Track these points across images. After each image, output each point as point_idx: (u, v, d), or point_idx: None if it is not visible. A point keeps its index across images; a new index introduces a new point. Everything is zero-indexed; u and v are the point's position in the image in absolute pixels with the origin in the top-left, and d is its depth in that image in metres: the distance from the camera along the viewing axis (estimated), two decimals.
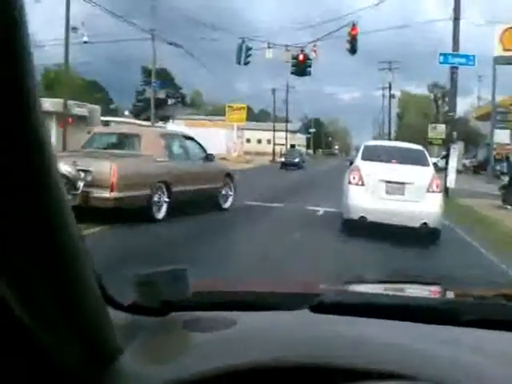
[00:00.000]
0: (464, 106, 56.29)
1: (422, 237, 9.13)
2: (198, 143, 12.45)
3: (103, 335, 0.83)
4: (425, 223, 9.16)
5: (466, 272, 6.38)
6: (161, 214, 10.11)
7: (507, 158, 35.09)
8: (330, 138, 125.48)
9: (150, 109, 45.97)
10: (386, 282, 1.82)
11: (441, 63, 20.89)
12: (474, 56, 20.99)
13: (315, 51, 25.89)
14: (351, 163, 10.76)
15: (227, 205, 12.53)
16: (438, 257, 8.50)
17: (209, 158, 12.25)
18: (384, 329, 1.05)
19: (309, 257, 7.69)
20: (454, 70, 20.72)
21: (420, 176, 9.63)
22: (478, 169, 43.77)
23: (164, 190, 10.24)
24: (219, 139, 58.92)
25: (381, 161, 10.02)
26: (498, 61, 32.89)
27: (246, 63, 26.17)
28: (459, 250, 9.22)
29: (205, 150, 12.45)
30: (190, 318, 1.07)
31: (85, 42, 28.85)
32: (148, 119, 52.00)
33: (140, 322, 1.04)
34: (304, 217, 12.28)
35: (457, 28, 20.90)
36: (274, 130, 66.17)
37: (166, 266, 1.04)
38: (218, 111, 58.02)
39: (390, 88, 62.98)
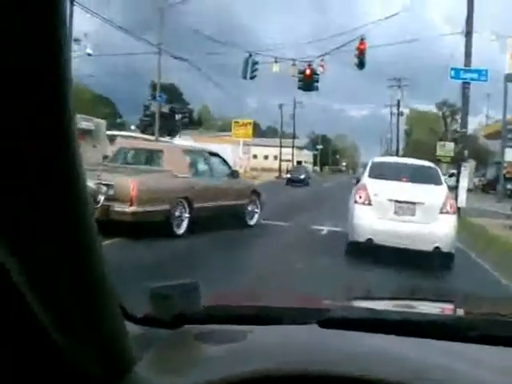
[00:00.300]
0: (472, 124, 55.64)
1: (433, 262, 8.40)
2: (224, 160, 12.68)
3: (119, 345, 0.85)
4: (437, 247, 8.43)
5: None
6: (181, 230, 10.22)
7: None
8: (338, 155, 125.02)
9: (160, 123, 45.92)
10: (393, 299, 1.86)
11: (452, 78, 20.26)
12: (486, 71, 20.36)
13: (323, 66, 25.40)
14: (358, 181, 10.05)
15: (253, 221, 12.62)
16: (450, 285, 7.76)
17: (234, 174, 12.45)
18: (390, 344, 1.07)
19: (309, 282, 7.01)
20: (465, 85, 20.08)
21: (432, 195, 8.91)
22: (488, 187, 43.09)
23: (185, 205, 10.35)
24: (226, 155, 58.57)
25: (390, 179, 9.30)
26: (510, 78, 32.32)
27: (252, 77, 25.87)
28: (473, 276, 8.47)
29: (230, 167, 12.73)
30: (201, 331, 1.10)
31: (88, 55, 28.42)
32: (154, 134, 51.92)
33: (153, 334, 1.07)
34: (307, 237, 11.72)
35: (469, 42, 20.31)
36: (281, 146, 65.78)
37: (177, 279, 1.11)
38: (226, 127, 57.78)
39: (398, 105, 62.48)
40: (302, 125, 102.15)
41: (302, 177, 44.14)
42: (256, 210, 12.77)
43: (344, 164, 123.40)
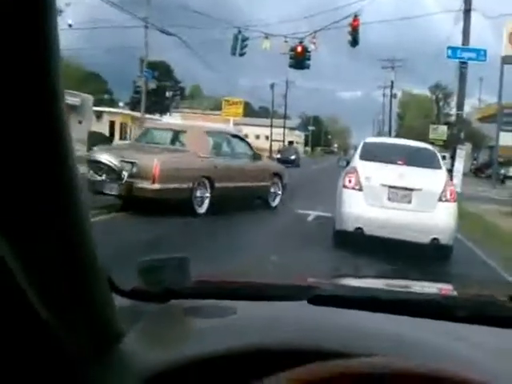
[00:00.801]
0: (465, 107, 55.02)
1: (429, 255, 7.53)
2: (246, 142, 13.31)
3: (108, 318, 0.85)
4: (435, 239, 7.54)
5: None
6: (202, 209, 10.54)
7: None
8: (330, 136, 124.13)
9: (146, 99, 44.64)
10: (383, 278, 1.93)
11: (449, 57, 19.50)
12: (484, 50, 19.60)
13: (314, 43, 24.53)
14: (348, 163, 9.09)
15: (275, 203, 12.99)
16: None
17: (255, 156, 12.75)
18: (378, 321, 1.08)
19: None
20: (463, 65, 19.23)
21: (431, 181, 7.97)
22: (479, 172, 42.50)
23: (207, 185, 10.65)
24: None
25: (383, 161, 8.34)
26: (506, 60, 31.50)
27: (242, 54, 25.10)
28: (474, 271, 7.61)
29: (252, 149, 13.01)
30: (190, 305, 1.10)
31: (69, 26, 27.16)
32: (147, 111, 50.76)
33: (142, 308, 1.06)
34: (292, 222, 10.92)
35: (467, 20, 19.43)
36: (272, 126, 64.90)
37: (171, 254, 1.11)
38: (217, 106, 56.81)
39: (391, 87, 61.59)
40: (294, 105, 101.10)
41: (293, 157, 43.61)
42: (278, 192, 13.09)
43: (336, 145, 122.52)
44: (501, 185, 31.02)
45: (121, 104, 63.60)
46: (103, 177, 9.90)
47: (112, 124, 45.63)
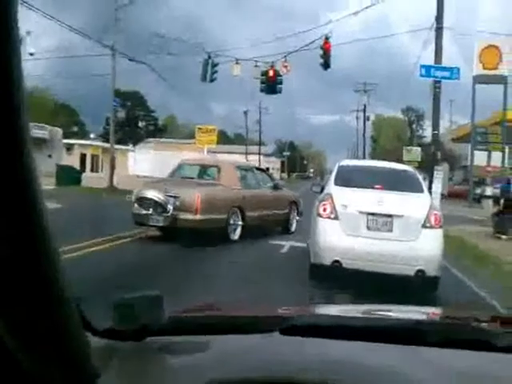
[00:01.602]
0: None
1: (415, 288, 6.77)
2: (268, 174, 15.34)
3: (82, 359, 0.84)
4: (421, 270, 6.79)
5: None
6: (236, 236, 11.67)
7: (508, 181, 33.57)
8: (305, 162, 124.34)
9: (119, 130, 43.84)
10: (356, 304, 2.09)
11: (422, 76, 19.14)
12: (458, 69, 19.32)
13: (286, 67, 24.05)
14: (322, 189, 8.32)
15: (293, 228, 13.92)
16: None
17: (277, 186, 14.19)
18: (348, 349, 1.09)
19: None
20: (437, 84, 18.85)
21: (413, 206, 7.25)
22: (456, 193, 42.18)
23: (239, 214, 11.78)
24: None
25: (360, 186, 7.62)
26: (478, 79, 31.54)
27: (212, 80, 24.62)
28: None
29: (273, 180, 14.93)
30: (165, 343, 1.10)
31: (31, 54, 26.31)
32: (120, 142, 49.89)
33: (116, 347, 1.06)
34: (265, 255, 10.24)
35: (439, 38, 19.12)
36: (247, 153, 64.44)
37: (144, 290, 1.08)
38: (192, 134, 56.36)
39: (364, 110, 61.72)
40: (269, 131, 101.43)
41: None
42: (296, 218, 14.16)
43: (312, 170, 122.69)
44: (477, 204, 30.78)
45: (92, 136, 62.70)
46: (150, 211, 10.86)
47: (83, 156, 44.75)
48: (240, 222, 11.74)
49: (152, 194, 10.93)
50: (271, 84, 23.65)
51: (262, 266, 8.85)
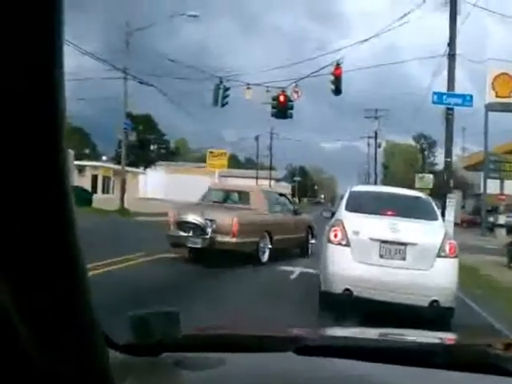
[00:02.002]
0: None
1: (429, 318, 6.51)
2: (289, 199, 15.95)
3: (101, 373, 0.84)
4: (435, 301, 6.54)
5: None
6: (265, 258, 12.27)
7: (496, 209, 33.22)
8: (316, 187, 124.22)
9: (130, 153, 43.97)
10: (367, 327, 2.05)
11: (434, 103, 18.99)
12: (470, 96, 19.15)
13: (297, 92, 24.01)
14: (333, 214, 8.12)
15: (310, 251, 14.51)
16: None
17: (296, 211, 15.01)
18: (361, 369, 1.09)
19: None
20: (449, 111, 18.71)
21: (427, 234, 7.02)
22: (468, 221, 41.70)
23: (267, 237, 12.39)
24: (201, 186, 57.27)
25: (372, 212, 7.43)
26: (490, 107, 31.43)
27: (224, 105, 24.62)
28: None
29: (294, 205, 15.71)
30: (180, 358, 1.11)
31: None
32: (131, 164, 50.07)
33: (134, 362, 1.08)
34: (274, 280, 10.05)
35: (452, 65, 19.00)
36: (257, 178, 64.37)
37: (161, 307, 1.10)
38: (203, 158, 56.60)
39: (375, 136, 61.51)
40: (280, 156, 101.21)
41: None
42: (312, 242, 14.73)
43: (322, 196, 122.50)
44: (490, 233, 30.43)
45: (104, 158, 62.97)
46: (190, 233, 11.39)
47: (94, 178, 44.82)
48: (269, 245, 12.40)
49: (193, 218, 11.43)
50: (282, 109, 23.59)
51: (272, 293, 8.65)
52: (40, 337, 0.71)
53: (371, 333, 1.68)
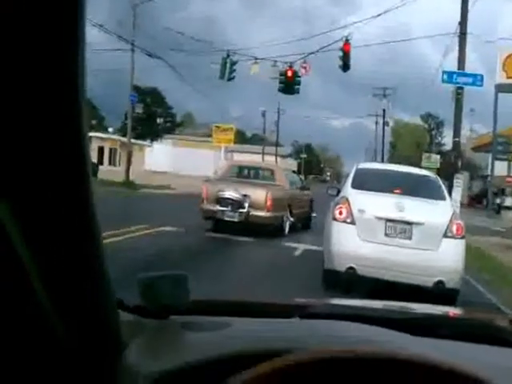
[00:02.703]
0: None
1: (431, 299, 6.42)
2: (299, 176, 17.63)
3: (112, 332, 0.91)
4: (440, 282, 6.45)
5: None
6: (287, 230, 13.28)
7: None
8: (322, 165, 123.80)
9: (137, 126, 43.80)
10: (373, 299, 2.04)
11: (444, 82, 18.71)
12: (481, 76, 18.88)
13: (305, 68, 23.71)
14: (338, 192, 8.00)
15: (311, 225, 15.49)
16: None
17: (305, 187, 16.32)
18: (368, 331, 1.10)
19: None
20: (459, 90, 18.43)
21: (434, 214, 6.91)
22: (474, 201, 41.69)
23: (288, 211, 13.39)
24: (207, 160, 57.12)
25: (379, 190, 7.29)
26: (500, 88, 31.01)
27: (231, 79, 24.38)
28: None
29: (303, 182, 17.36)
30: (187, 321, 1.14)
31: None
32: (138, 137, 49.88)
33: (143, 323, 1.11)
34: (277, 257, 9.90)
35: (463, 44, 18.68)
36: (263, 153, 64.13)
37: (170, 270, 1.13)
38: (209, 133, 56.37)
39: (383, 115, 61.00)
40: (286, 133, 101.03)
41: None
42: (314, 215, 15.79)
43: (328, 174, 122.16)
44: (496, 215, 30.28)
45: (110, 130, 62.70)
46: (228, 208, 12.25)
47: (101, 150, 44.65)
48: (291, 219, 13.47)
49: (233, 193, 12.28)
50: (289, 84, 23.35)
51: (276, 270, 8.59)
52: (57, 298, 0.76)
53: (377, 303, 1.68)
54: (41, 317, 0.77)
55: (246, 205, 12.26)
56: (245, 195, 12.33)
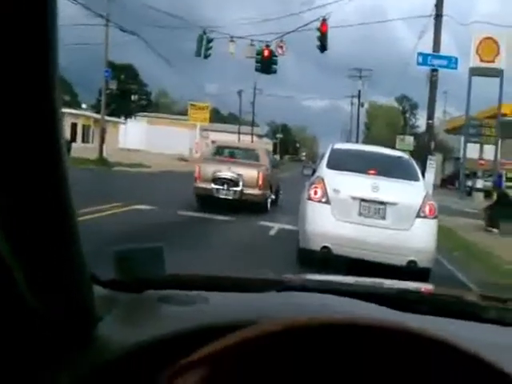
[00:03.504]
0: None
1: (404, 277, 6.52)
2: (273, 156, 18.60)
3: (86, 305, 0.91)
4: (412, 261, 6.56)
5: None
6: (268, 207, 14.33)
7: (500, 175, 33.51)
8: (298, 145, 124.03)
9: (111, 102, 43.19)
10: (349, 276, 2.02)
11: (419, 64, 18.88)
12: (456, 58, 19.10)
13: (281, 47, 23.59)
14: (313, 172, 8.03)
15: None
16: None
17: (276, 166, 17.76)
18: (345, 303, 1.13)
19: None
20: (434, 73, 18.58)
21: (408, 194, 7.00)
22: (446, 183, 42.30)
23: (272, 189, 14.79)
24: (183, 139, 56.74)
25: (353, 171, 7.35)
26: (474, 72, 31.27)
27: (207, 56, 24.12)
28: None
29: (275, 161, 18.83)
30: (163, 295, 1.13)
31: None
32: (112, 114, 49.19)
33: (117, 297, 1.09)
34: (252, 236, 9.92)
35: (438, 26, 18.77)
36: (239, 133, 63.94)
37: (146, 243, 1.12)
38: (185, 111, 55.86)
39: (359, 96, 61.22)
40: (263, 113, 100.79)
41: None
42: (281, 192, 17.10)
43: (304, 154, 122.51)
44: (468, 197, 30.74)
45: (84, 106, 61.72)
46: (224, 186, 13.13)
47: (74, 126, 43.97)
48: (273, 196, 14.77)
49: (226, 174, 13.16)
50: (266, 64, 23.21)
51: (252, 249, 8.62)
52: (31, 274, 0.76)
53: (352, 279, 1.69)
54: (13, 290, 0.77)
55: (241, 183, 13.11)
56: (239, 174, 13.18)
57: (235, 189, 13.13)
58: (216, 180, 13.20)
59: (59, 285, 0.81)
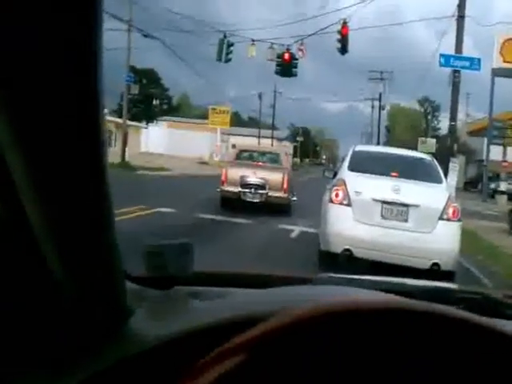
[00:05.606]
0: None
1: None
2: (292, 158, 22.22)
3: (118, 300, 0.94)
4: (436, 264, 6.50)
5: None
6: (291, 210, 14.30)
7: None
8: (318, 148, 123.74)
9: (133, 107, 43.58)
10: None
11: (441, 65, 18.67)
12: (479, 59, 18.82)
13: (302, 50, 23.61)
14: (335, 175, 8.01)
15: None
16: None
17: (293, 169, 17.74)
18: (368, 294, 1.09)
19: None
20: (456, 74, 18.39)
21: (430, 197, 6.93)
22: (469, 186, 41.89)
23: (292, 192, 14.69)
24: (203, 142, 57.02)
25: (375, 173, 7.30)
26: (497, 73, 30.94)
27: (227, 60, 24.21)
28: None
29: (293, 164, 21.92)
30: (192, 291, 1.17)
31: None
32: (133, 118, 49.59)
33: (147, 292, 1.13)
34: (273, 239, 9.91)
35: (461, 27, 18.58)
36: (260, 137, 63.94)
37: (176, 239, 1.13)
38: (205, 115, 56.16)
39: (380, 98, 60.82)
40: (283, 116, 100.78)
41: None
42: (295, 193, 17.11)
43: (324, 157, 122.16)
44: (490, 199, 30.43)
45: (105, 111, 62.21)
46: (251, 190, 13.49)
47: None
48: (294, 198, 14.70)
49: (254, 178, 13.56)
50: (286, 67, 23.25)
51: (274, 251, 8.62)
52: (70, 270, 0.80)
53: (376, 278, 1.71)
54: (51, 284, 0.80)
55: (267, 187, 13.48)
56: (265, 178, 13.58)
57: (261, 192, 13.48)
58: (243, 183, 13.55)
59: (96, 280, 0.85)
